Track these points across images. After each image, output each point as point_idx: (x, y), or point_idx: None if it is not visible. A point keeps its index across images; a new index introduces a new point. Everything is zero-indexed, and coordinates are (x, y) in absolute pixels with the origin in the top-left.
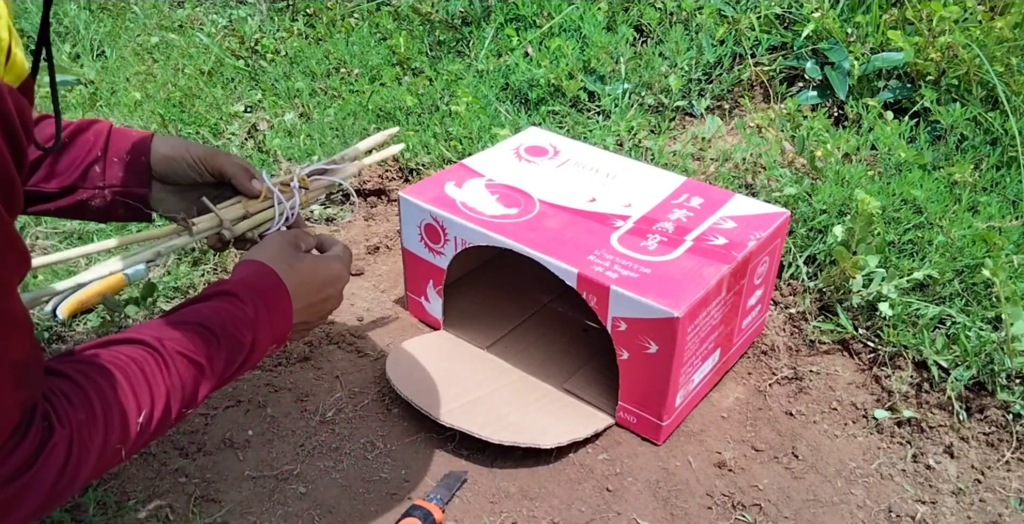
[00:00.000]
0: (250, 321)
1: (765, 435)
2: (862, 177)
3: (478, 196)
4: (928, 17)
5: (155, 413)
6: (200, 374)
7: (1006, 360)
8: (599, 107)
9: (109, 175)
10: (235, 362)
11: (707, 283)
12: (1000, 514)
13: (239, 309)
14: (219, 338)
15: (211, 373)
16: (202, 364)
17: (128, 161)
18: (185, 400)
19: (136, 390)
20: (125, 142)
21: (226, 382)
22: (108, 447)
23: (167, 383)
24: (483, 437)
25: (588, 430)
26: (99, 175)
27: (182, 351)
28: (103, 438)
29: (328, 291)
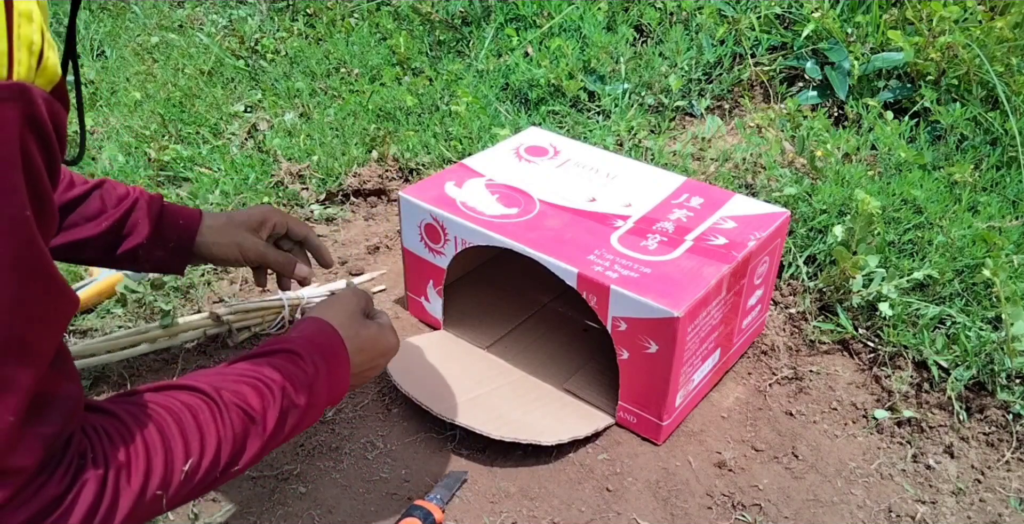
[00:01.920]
0: (309, 384)
1: (765, 435)
2: (862, 177)
3: (478, 196)
4: (928, 17)
5: (203, 462)
6: (253, 429)
7: (1006, 360)
8: (599, 107)
9: (151, 256)
10: (287, 423)
11: (707, 283)
12: (1000, 514)
13: (300, 370)
14: (276, 397)
15: (263, 430)
16: (256, 419)
17: (172, 247)
18: (234, 453)
19: (187, 436)
20: (172, 231)
21: (275, 444)
22: (147, 493)
23: (219, 433)
24: (484, 433)
25: (588, 429)
26: (141, 256)
27: (239, 403)
28: (142, 482)
29: (379, 361)
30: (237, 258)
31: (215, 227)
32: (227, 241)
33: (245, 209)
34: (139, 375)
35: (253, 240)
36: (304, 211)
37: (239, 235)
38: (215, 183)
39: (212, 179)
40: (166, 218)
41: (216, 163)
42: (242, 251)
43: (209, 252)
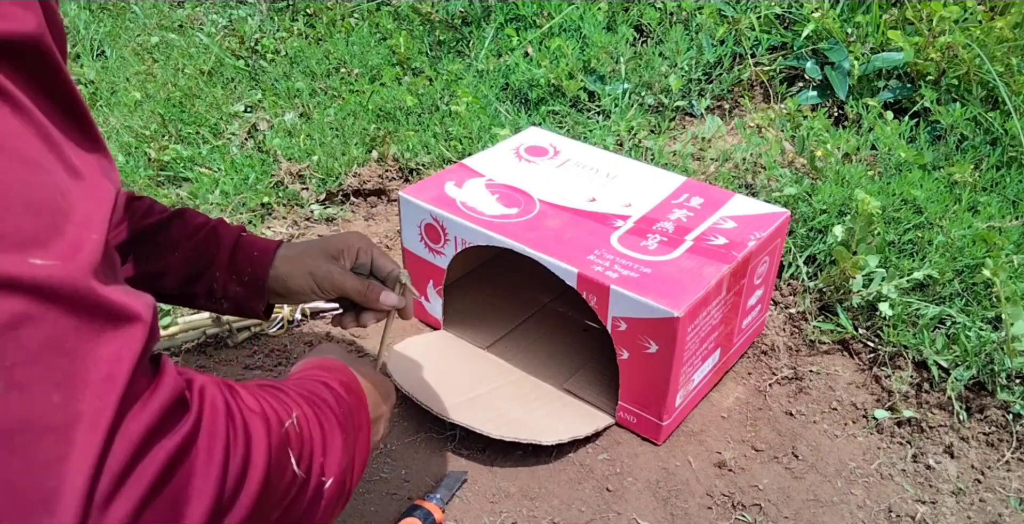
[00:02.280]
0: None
1: (765, 435)
2: (862, 177)
3: (478, 196)
4: (928, 17)
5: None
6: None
7: (1006, 360)
8: (599, 107)
9: (229, 292)
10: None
11: (707, 283)
12: (1000, 514)
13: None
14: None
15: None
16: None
17: (247, 281)
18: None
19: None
20: (246, 262)
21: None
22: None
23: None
24: (484, 432)
25: (589, 428)
26: (218, 291)
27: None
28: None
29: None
30: (312, 288)
31: (289, 256)
32: (300, 271)
33: (328, 236)
34: None
35: (328, 267)
36: (304, 211)
37: (313, 263)
38: (215, 183)
39: (212, 179)
40: (241, 247)
41: (216, 163)
42: (316, 280)
43: (284, 286)
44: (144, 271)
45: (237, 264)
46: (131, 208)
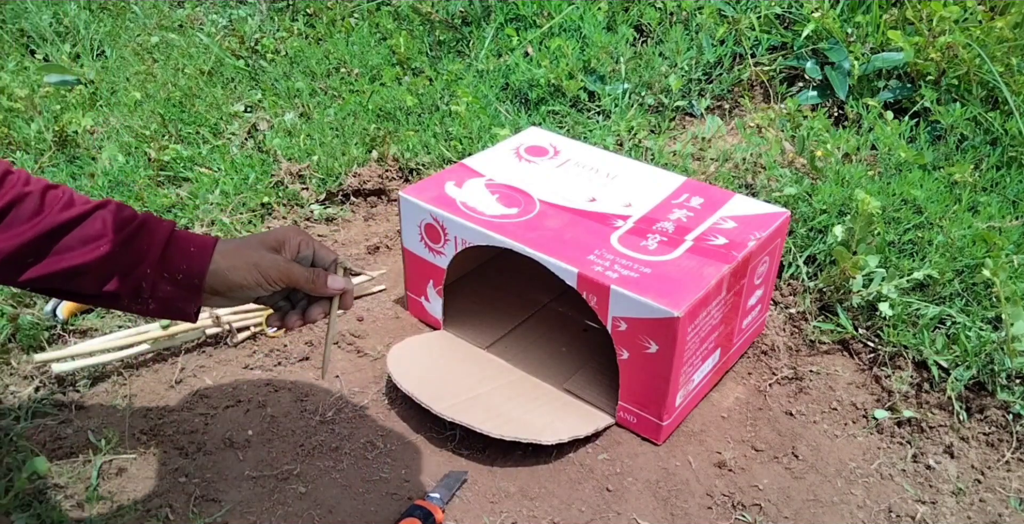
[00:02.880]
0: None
1: (765, 435)
2: (862, 177)
3: (478, 196)
4: (928, 17)
5: None
6: None
7: (1006, 360)
8: (599, 107)
9: (157, 291)
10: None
11: (707, 283)
12: (1000, 514)
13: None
14: None
15: None
16: None
17: (181, 280)
18: None
19: None
20: (181, 260)
21: None
22: None
23: None
24: (484, 432)
25: (589, 428)
26: (145, 291)
27: None
28: None
29: (252, 273)
30: (258, 281)
31: (229, 251)
32: (243, 263)
33: (264, 231)
34: (139, 375)
35: (272, 257)
36: (304, 211)
37: (256, 255)
38: (215, 183)
39: (212, 179)
40: (175, 243)
41: (216, 163)
42: (261, 271)
43: (225, 280)
44: (59, 269)
45: (170, 261)
46: (46, 198)
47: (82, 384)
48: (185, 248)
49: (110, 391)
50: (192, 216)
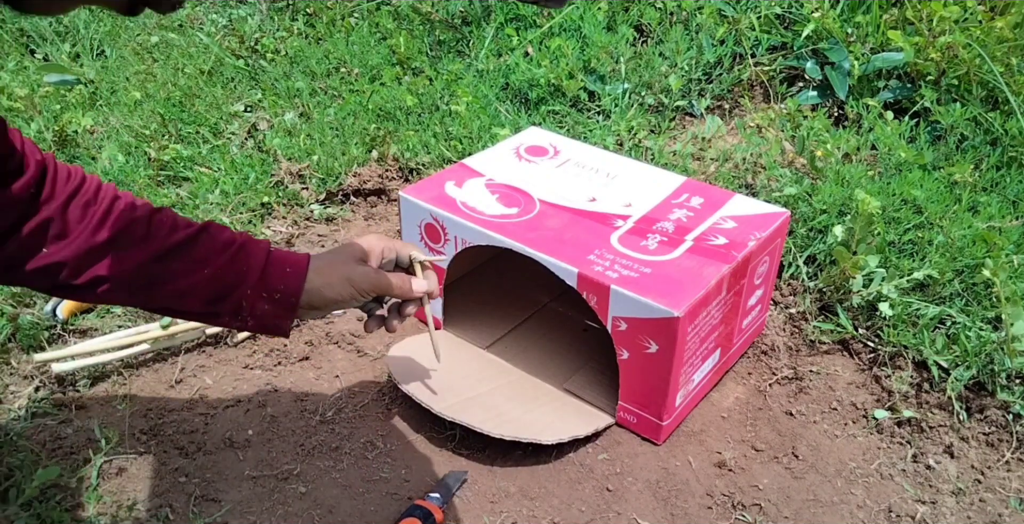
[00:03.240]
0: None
1: (765, 435)
2: (862, 177)
3: (478, 196)
4: (928, 17)
5: None
6: None
7: (1006, 360)
8: (599, 107)
9: (255, 310)
10: None
11: (707, 283)
12: (1000, 514)
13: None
14: None
15: None
16: None
17: (278, 299)
18: None
19: None
20: (278, 279)
21: None
22: None
23: None
24: (484, 431)
25: (589, 428)
26: (245, 309)
27: None
28: None
29: (345, 288)
30: (351, 294)
31: (322, 268)
32: (336, 279)
33: (348, 243)
34: (139, 375)
35: (363, 270)
36: (304, 211)
37: (347, 269)
38: (215, 183)
39: (212, 179)
40: (272, 264)
41: (216, 163)
42: (354, 284)
43: (321, 297)
44: (167, 291)
45: (267, 282)
46: (152, 223)
47: (82, 384)
48: (281, 268)
49: (110, 391)
50: (192, 216)
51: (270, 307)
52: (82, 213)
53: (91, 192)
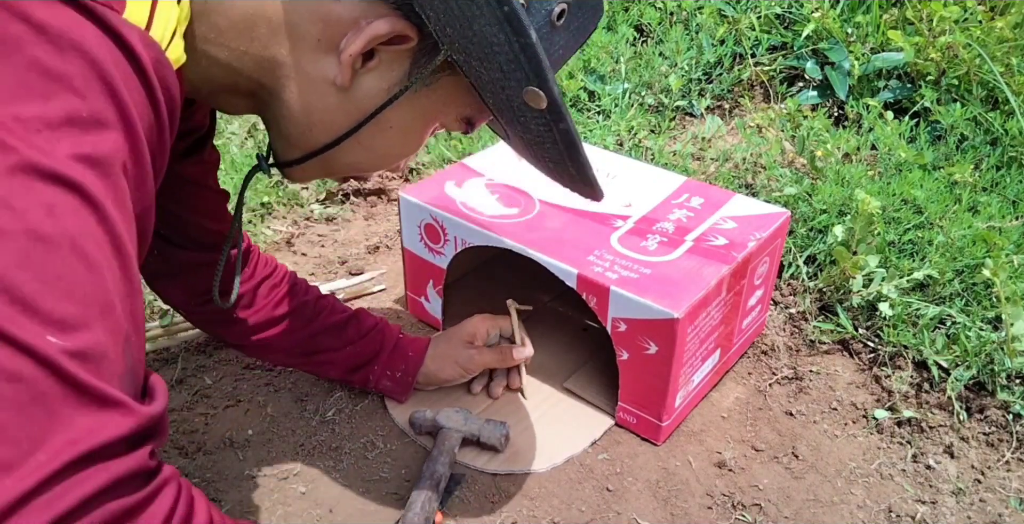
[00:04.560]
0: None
1: (765, 435)
2: (862, 177)
3: (478, 196)
4: (928, 17)
5: None
6: None
7: (1006, 360)
8: (599, 107)
9: (380, 385)
10: None
11: (707, 283)
12: (1000, 514)
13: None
14: None
15: None
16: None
17: (399, 377)
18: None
19: None
20: (400, 362)
21: None
22: None
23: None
24: (477, 468)
25: (586, 442)
26: (372, 381)
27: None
28: None
29: (454, 369)
30: (460, 374)
31: (437, 355)
32: (448, 363)
33: (458, 326)
34: None
35: (468, 353)
36: (304, 211)
37: (456, 354)
38: None
39: None
40: (398, 349)
41: None
42: (462, 365)
43: (434, 377)
44: (319, 360)
45: (393, 363)
46: (318, 306)
47: None
48: (405, 352)
49: None
50: None
51: (391, 384)
52: (268, 291)
53: (278, 277)
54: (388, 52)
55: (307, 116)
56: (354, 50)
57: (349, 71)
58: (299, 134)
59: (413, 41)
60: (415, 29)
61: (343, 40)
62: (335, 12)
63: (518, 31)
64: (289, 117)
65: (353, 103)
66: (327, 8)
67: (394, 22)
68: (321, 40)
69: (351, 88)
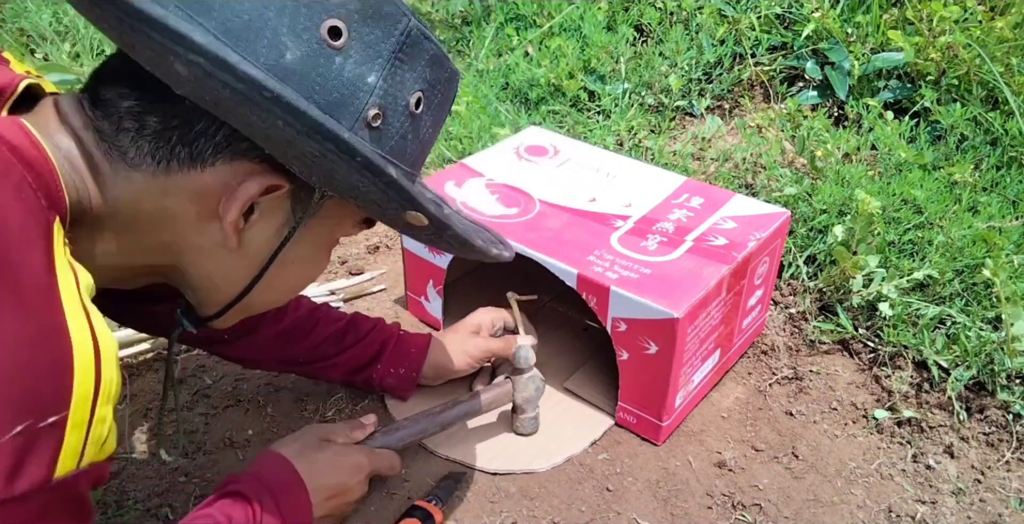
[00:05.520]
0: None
1: (765, 435)
2: (862, 177)
3: (478, 196)
4: (928, 17)
5: None
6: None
7: (1006, 360)
8: (599, 107)
9: (384, 383)
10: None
11: (707, 283)
12: (1000, 514)
13: (244, 511)
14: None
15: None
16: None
17: (403, 374)
18: None
19: None
20: (403, 360)
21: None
22: None
23: None
24: (477, 468)
25: (586, 442)
26: (375, 381)
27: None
28: None
29: (347, 483)
30: (469, 364)
31: (441, 346)
32: (456, 352)
33: (464, 320)
34: (139, 374)
35: (475, 342)
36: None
37: (464, 343)
38: None
39: None
40: (399, 347)
41: None
42: (470, 355)
43: (442, 369)
44: (320, 367)
45: (395, 361)
46: (311, 319)
47: None
48: (407, 349)
49: None
50: None
51: (395, 381)
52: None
53: None
54: (266, 201)
55: (209, 280)
56: (233, 216)
57: (235, 234)
58: (208, 295)
59: (287, 187)
60: (285, 177)
61: (219, 206)
62: (204, 184)
63: (377, 174)
64: (193, 283)
65: (248, 257)
66: (196, 182)
67: (262, 178)
68: (200, 212)
69: (242, 244)
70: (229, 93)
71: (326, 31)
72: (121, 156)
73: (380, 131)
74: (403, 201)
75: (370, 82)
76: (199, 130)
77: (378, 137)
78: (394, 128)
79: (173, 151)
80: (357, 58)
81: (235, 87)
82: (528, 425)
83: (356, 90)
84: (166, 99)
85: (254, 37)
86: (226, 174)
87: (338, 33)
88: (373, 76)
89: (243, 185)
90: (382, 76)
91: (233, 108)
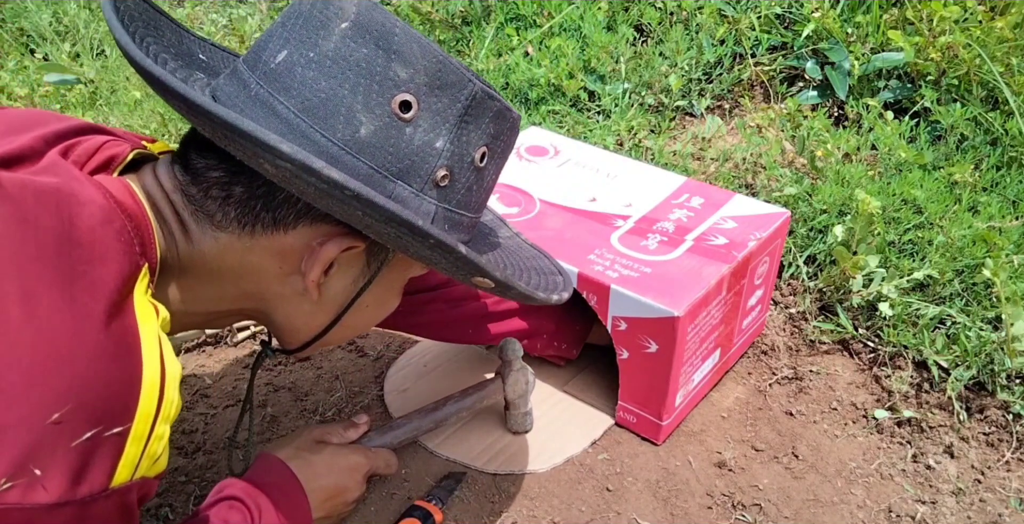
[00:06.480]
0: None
1: (765, 435)
2: (862, 177)
3: None
4: (928, 17)
5: None
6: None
7: (1006, 360)
8: (599, 107)
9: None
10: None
11: (707, 283)
12: (1000, 514)
13: (242, 516)
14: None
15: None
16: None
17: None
18: None
19: None
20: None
21: None
22: None
23: None
24: (476, 468)
25: (586, 442)
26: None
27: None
28: None
29: (345, 483)
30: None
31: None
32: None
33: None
34: None
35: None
36: None
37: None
38: None
39: None
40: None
41: None
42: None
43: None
44: (450, 320)
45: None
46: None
47: None
48: None
49: None
50: None
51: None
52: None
53: None
54: (344, 257)
55: (291, 323)
56: (315, 276)
57: (316, 290)
58: (290, 335)
59: (363, 246)
60: (362, 238)
61: (302, 263)
62: (287, 244)
63: (448, 250)
64: (276, 324)
65: (327, 304)
66: (279, 243)
67: (341, 240)
68: (283, 267)
69: (322, 295)
70: (313, 190)
71: (397, 105)
72: (208, 218)
73: (447, 189)
74: (471, 270)
75: (438, 147)
76: (282, 199)
77: (445, 195)
78: (460, 183)
79: (258, 217)
80: (426, 127)
81: (318, 186)
82: (521, 422)
83: (426, 156)
84: (252, 171)
85: (331, 114)
86: (307, 236)
87: (408, 106)
88: (441, 141)
89: (324, 247)
90: (449, 139)
91: (317, 199)
